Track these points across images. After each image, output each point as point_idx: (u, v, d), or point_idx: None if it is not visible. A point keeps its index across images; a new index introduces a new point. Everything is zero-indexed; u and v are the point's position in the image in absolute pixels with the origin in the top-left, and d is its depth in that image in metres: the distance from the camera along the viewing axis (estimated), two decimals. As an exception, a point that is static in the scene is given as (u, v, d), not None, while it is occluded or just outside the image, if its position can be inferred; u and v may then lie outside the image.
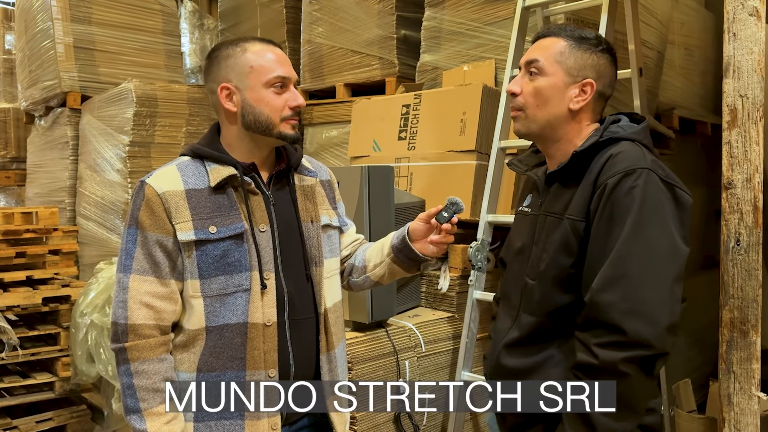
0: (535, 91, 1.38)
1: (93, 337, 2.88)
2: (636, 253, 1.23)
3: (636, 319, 1.20)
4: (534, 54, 1.40)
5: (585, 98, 1.38)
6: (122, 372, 1.32)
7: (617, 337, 1.21)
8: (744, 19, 1.56)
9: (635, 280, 1.22)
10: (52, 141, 4.28)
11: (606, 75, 1.40)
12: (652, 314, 1.21)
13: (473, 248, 2.42)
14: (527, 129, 1.41)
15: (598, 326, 1.23)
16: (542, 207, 1.43)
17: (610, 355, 1.21)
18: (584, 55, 1.38)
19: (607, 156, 1.31)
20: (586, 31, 1.43)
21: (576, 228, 1.31)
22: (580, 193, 1.33)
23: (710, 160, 4.00)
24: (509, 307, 1.47)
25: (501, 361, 1.43)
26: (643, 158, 1.29)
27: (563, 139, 1.41)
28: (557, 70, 1.37)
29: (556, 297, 1.34)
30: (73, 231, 3.44)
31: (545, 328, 1.37)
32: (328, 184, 1.58)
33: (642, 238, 1.23)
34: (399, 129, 2.97)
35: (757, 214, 1.57)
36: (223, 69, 1.40)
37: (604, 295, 1.22)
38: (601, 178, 1.29)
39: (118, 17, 4.10)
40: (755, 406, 1.57)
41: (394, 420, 2.30)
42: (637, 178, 1.25)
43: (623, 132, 1.36)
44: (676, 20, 3.54)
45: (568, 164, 1.37)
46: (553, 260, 1.35)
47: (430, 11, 3.26)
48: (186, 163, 1.40)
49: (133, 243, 1.34)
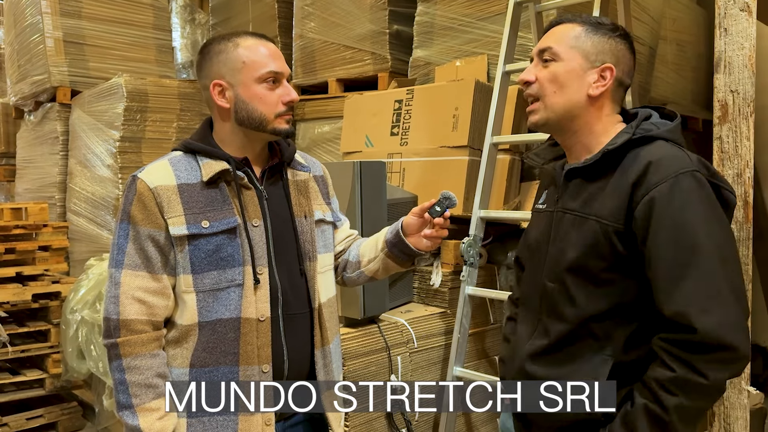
0: (551, 77, 1.29)
1: (83, 334, 2.86)
2: (720, 265, 1.17)
3: (742, 333, 1.17)
4: (547, 41, 1.32)
5: (605, 84, 1.29)
6: (114, 368, 1.31)
7: (728, 355, 1.16)
8: (735, 15, 1.56)
9: (730, 296, 1.17)
10: (42, 136, 4.24)
11: (625, 62, 1.31)
12: (746, 325, 1.19)
13: (465, 244, 2.42)
14: (545, 119, 1.32)
15: (705, 347, 1.16)
16: (559, 203, 1.34)
17: (720, 374, 1.16)
18: (602, 39, 1.29)
19: (648, 159, 1.21)
20: (602, 17, 1.35)
21: (607, 232, 1.23)
22: (613, 195, 1.24)
23: (702, 155, 4.00)
24: (529, 310, 1.39)
25: (527, 369, 1.34)
26: (689, 159, 1.22)
27: (583, 130, 1.32)
28: (574, 55, 1.29)
29: (587, 303, 1.26)
30: (63, 227, 3.43)
31: (574, 334, 1.28)
32: (321, 180, 1.58)
33: (719, 249, 1.18)
34: (391, 124, 2.96)
35: (747, 209, 1.58)
36: (215, 65, 1.38)
37: (710, 315, 1.15)
38: (646, 184, 1.20)
39: (108, 11, 4.06)
40: (745, 400, 1.58)
41: (386, 416, 2.30)
42: (690, 182, 1.18)
43: (656, 130, 1.27)
44: (668, 16, 3.55)
45: (598, 160, 1.27)
46: (577, 262, 1.26)
47: (423, 6, 3.26)
48: (178, 158, 1.39)
49: (125, 238, 1.33)
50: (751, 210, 1.58)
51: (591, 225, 1.25)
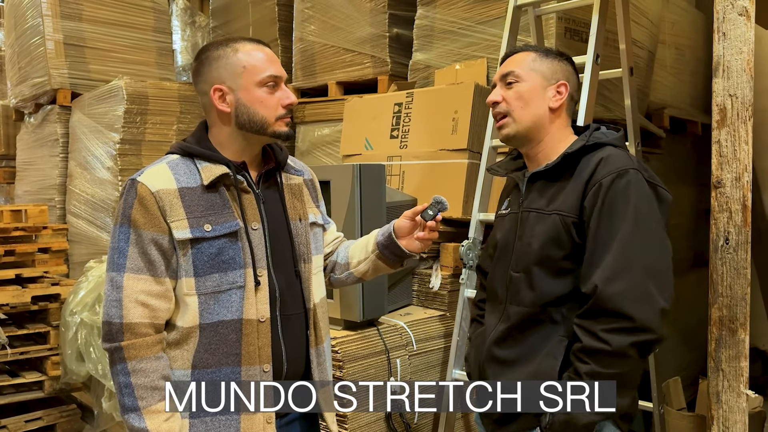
0: (517, 95, 1.52)
1: (83, 336, 2.86)
2: (638, 246, 1.35)
3: (644, 306, 1.32)
4: (508, 67, 1.54)
5: (562, 97, 1.53)
6: (119, 371, 1.31)
7: (626, 323, 1.32)
8: (733, 19, 1.57)
9: (639, 271, 1.33)
10: (42, 138, 4.25)
11: (573, 80, 1.56)
12: (656, 301, 1.33)
13: (464, 247, 2.43)
14: (515, 131, 1.53)
15: (606, 314, 1.34)
16: (523, 204, 1.54)
17: (619, 339, 1.32)
18: (553, 62, 1.54)
19: (598, 158, 1.43)
20: (549, 47, 1.64)
21: (566, 223, 1.42)
22: (570, 191, 1.44)
23: (700, 159, 4.02)
24: (496, 302, 1.56)
25: (493, 353, 1.51)
26: (631, 161, 1.43)
27: (546, 140, 1.53)
28: (534, 76, 1.52)
29: (546, 288, 1.44)
30: (63, 229, 3.42)
31: (534, 318, 1.46)
32: (311, 184, 1.61)
33: (642, 231, 1.36)
34: (391, 127, 2.96)
35: (745, 212, 1.58)
36: (215, 70, 1.39)
37: (613, 284, 1.33)
38: (594, 178, 1.40)
39: (108, 14, 4.07)
40: (743, 403, 1.59)
41: (385, 418, 2.30)
42: (630, 178, 1.38)
43: (606, 138, 1.49)
44: (667, 20, 3.56)
45: (558, 164, 1.48)
46: (541, 253, 1.44)
47: (423, 10, 3.26)
48: (176, 162, 1.40)
49: (125, 241, 1.33)
50: (749, 214, 1.59)
51: (553, 219, 1.44)
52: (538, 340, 1.45)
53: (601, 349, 1.33)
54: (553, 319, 1.44)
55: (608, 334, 1.32)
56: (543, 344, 1.44)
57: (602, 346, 1.33)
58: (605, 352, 1.33)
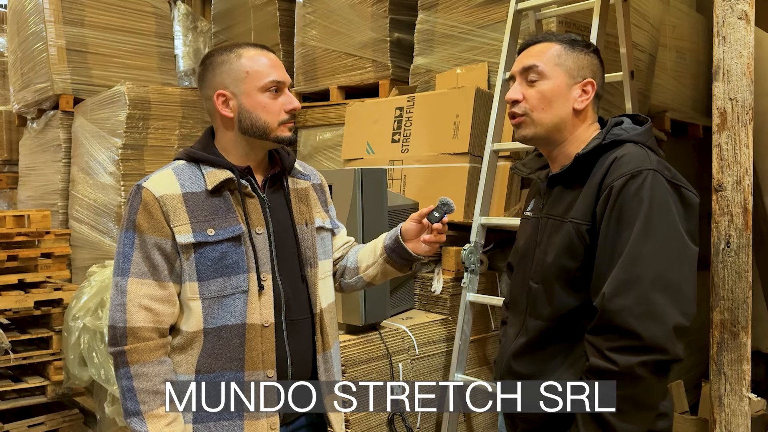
0: (540, 95, 1.36)
1: (85, 341, 2.86)
2: (646, 256, 1.21)
3: (650, 322, 1.19)
4: (530, 60, 1.38)
5: (588, 97, 1.38)
6: (122, 375, 1.32)
7: (632, 342, 1.19)
8: (733, 23, 1.57)
9: (647, 284, 1.20)
10: (45, 144, 4.26)
11: (600, 75, 1.42)
12: (666, 317, 1.20)
13: (466, 251, 2.43)
14: (534, 133, 1.39)
15: (612, 331, 1.22)
16: (544, 210, 1.42)
17: (626, 359, 1.19)
18: (580, 56, 1.39)
19: (612, 159, 1.30)
20: (573, 35, 1.45)
21: (580, 231, 1.30)
22: (584, 196, 1.32)
23: (702, 162, 4.02)
24: (517, 312, 1.46)
25: (512, 367, 1.42)
26: (648, 159, 1.28)
27: (568, 141, 1.40)
28: (559, 72, 1.37)
29: (562, 301, 1.33)
30: (66, 234, 3.43)
31: (552, 332, 1.35)
32: (320, 188, 1.60)
33: (651, 240, 1.22)
34: (392, 131, 2.97)
35: (746, 216, 1.58)
36: (218, 75, 1.40)
37: (618, 299, 1.21)
38: (606, 181, 1.28)
39: (110, 20, 4.09)
40: (746, 407, 1.58)
41: (387, 422, 2.30)
42: (644, 180, 1.24)
43: (626, 134, 1.35)
44: (668, 23, 3.56)
45: (571, 167, 1.35)
46: (556, 263, 1.33)
47: (423, 14, 3.27)
48: (182, 167, 1.41)
49: (130, 246, 1.34)
50: (750, 217, 1.59)
51: (567, 228, 1.32)
52: (556, 355, 1.35)
53: (608, 369, 1.21)
54: (572, 334, 1.33)
55: (615, 354, 1.21)
56: (562, 360, 1.34)
57: (609, 366, 1.21)
58: (612, 372, 1.21)
